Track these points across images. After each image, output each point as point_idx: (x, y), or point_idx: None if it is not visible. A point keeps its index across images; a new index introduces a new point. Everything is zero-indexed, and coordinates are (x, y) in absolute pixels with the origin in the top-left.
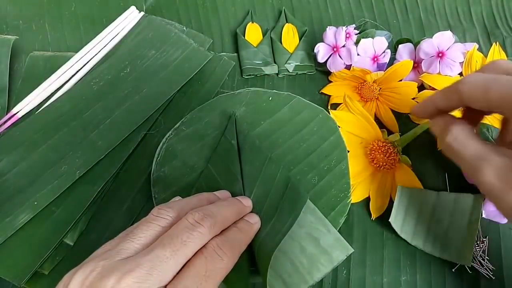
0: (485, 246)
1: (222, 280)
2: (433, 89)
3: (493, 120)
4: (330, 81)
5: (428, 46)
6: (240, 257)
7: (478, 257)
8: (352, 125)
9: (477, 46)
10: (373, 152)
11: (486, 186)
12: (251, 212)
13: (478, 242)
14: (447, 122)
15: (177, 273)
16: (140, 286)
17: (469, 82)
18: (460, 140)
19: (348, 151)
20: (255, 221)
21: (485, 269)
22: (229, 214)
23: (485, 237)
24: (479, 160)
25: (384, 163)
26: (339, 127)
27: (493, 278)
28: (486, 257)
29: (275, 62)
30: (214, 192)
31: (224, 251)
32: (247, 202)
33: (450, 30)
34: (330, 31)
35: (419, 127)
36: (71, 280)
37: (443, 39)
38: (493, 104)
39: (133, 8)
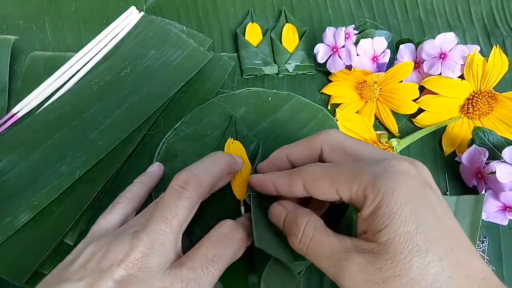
0: (485, 246)
1: (219, 280)
2: (434, 93)
3: (502, 127)
4: (330, 81)
5: (430, 47)
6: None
7: None
8: (356, 125)
9: (478, 48)
10: None
11: (350, 283)
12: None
13: (478, 242)
14: (294, 215)
15: (185, 254)
16: (146, 259)
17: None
18: (315, 240)
19: None
20: None
21: None
22: (217, 170)
23: (485, 237)
24: (340, 258)
25: None
26: (339, 126)
27: None
28: (486, 257)
29: (275, 62)
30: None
31: (237, 235)
32: (239, 159)
33: (450, 30)
34: (329, 31)
35: (420, 131)
36: (83, 251)
37: (446, 40)
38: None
39: (133, 8)
